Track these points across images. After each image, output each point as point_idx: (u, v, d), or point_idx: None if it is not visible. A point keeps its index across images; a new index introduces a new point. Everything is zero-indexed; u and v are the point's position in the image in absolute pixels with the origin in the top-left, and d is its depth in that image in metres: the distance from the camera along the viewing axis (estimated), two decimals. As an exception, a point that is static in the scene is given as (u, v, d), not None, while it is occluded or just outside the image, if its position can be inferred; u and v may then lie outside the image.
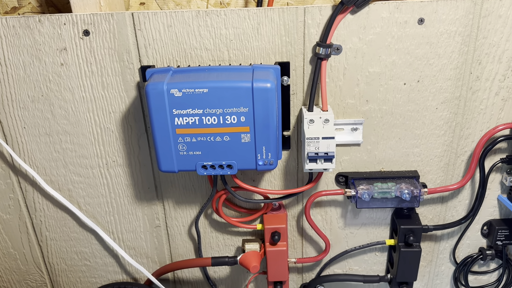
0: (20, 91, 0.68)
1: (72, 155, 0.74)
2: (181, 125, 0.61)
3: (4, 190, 0.77)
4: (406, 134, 0.70)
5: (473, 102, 0.67)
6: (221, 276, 0.84)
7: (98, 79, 0.67)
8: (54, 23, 0.64)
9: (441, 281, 0.83)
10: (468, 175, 0.69)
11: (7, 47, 0.65)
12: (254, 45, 0.64)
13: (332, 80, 0.66)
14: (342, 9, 0.60)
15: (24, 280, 0.86)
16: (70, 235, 0.81)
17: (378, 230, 0.78)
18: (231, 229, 0.79)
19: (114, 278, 0.85)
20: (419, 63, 0.65)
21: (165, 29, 0.64)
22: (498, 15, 0.62)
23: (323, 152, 0.62)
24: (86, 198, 0.77)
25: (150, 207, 0.77)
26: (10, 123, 0.71)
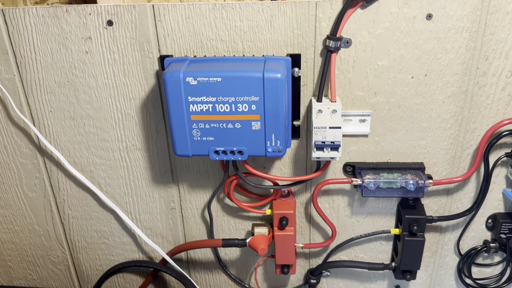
0: (47, 76, 0.73)
1: (94, 138, 0.78)
2: (196, 112, 0.64)
3: (30, 170, 0.82)
4: (413, 127, 0.72)
5: (479, 97, 0.69)
6: (231, 258, 0.87)
7: (120, 67, 0.72)
8: (80, 13, 0.68)
9: (446, 272, 0.85)
10: (472, 168, 0.71)
11: (37, 35, 0.70)
12: (267, 37, 0.67)
13: (342, 73, 0.69)
14: (352, 3, 0.63)
15: (47, 255, 0.92)
16: (91, 214, 0.85)
17: (383, 219, 0.80)
18: (242, 214, 0.82)
19: (131, 256, 0.89)
20: (427, 57, 0.67)
21: (183, 21, 0.67)
22: (506, 12, 0.63)
23: (330, 141, 0.65)
24: (106, 180, 0.82)
25: (166, 190, 0.81)
26: (37, 106, 0.76)
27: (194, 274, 0.90)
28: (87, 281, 0.93)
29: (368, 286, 0.87)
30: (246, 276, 0.89)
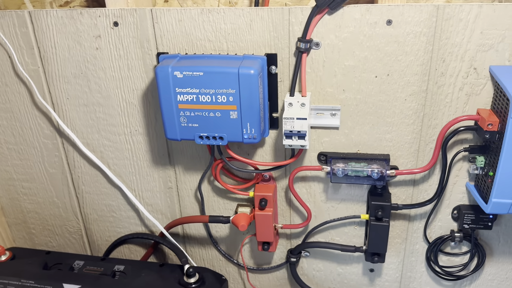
0: (65, 68, 0.86)
1: (104, 123, 0.90)
2: (182, 101, 0.75)
3: (51, 149, 0.95)
4: (378, 121, 0.79)
5: (439, 95, 0.76)
6: (221, 235, 0.98)
7: (124, 62, 0.83)
8: (92, 15, 0.80)
9: (416, 259, 0.91)
10: (431, 161, 0.78)
11: (56, 33, 0.83)
12: (248, 38, 0.77)
13: (313, 71, 0.77)
14: (318, 10, 0.71)
15: (64, 225, 1.05)
16: (101, 189, 0.98)
17: (356, 206, 0.88)
18: (229, 195, 0.92)
19: (135, 229, 1.01)
20: (389, 59, 0.74)
21: (177, 23, 0.78)
22: (459, 19, 0.70)
23: (297, 130, 0.74)
24: (114, 160, 0.94)
25: (164, 171, 0.93)
26: (57, 94, 0.89)
27: (190, 248, 1.01)
28: (98, 250, 1.06)
29: (345, 268, 0.95)
30: (234, 252, 0.99)
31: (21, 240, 1.11)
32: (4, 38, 0.84)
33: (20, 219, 1.07)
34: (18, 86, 0.90)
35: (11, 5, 0.91)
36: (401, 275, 0.93)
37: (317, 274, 0.97)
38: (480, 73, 0.73)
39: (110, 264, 0.90)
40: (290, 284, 1.00)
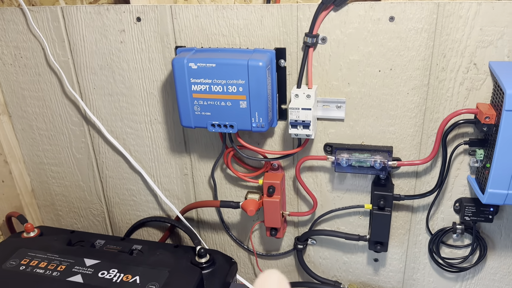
0: (92, 60, 0.93)
1: (126, 112, 0.97)
2: (196, 91, 0.81)
3: (78, 135, 1.03)
4: (382, 114, 0.83)
5: (440, 90, 0.79)
6: (233, 221, 1.03)
7: (146, 54, 0.90)
8: (117, 11, 0.87)
9: (419, 250, 0.94)
10: (432, 153, 0.81)
11: (85, 27, 0.91)
12: (259, 33, 0.82)
13: (320, 65, 0.82)
14: (324, 7, 0.76)
15: (89, 208, 1.13)
16: (123, 174, 1.05)
17: (360, 196, 0.91)
18: (240, 183, 0.97)
19: (153, 213, 1.08)
20: (391, 54, 0.78)
21: (193, 19, 0.84)
22: (459, 16, 0.73)
23: (301, 120, 0.79)
24: (135, 146, 1.01)
25: (181, 158, 0.99)
26: (85, 84, 0.97)
27: (203, 233, 1.07)
28: (119, 232, 1.13)
29: (350, 257, 0.99)
30: (245, 238, 1.04)
31: (49, 221, 1.19)
32: (38, 31, 0.92)
33: (48, 201, 1.15)
34: (49, 76, 0.98)
35: (46, 2, 0.99)
36: (404, 265, 0.96)
37: (323, 262, 1.01)
38: (480, 68, 0.75)
39: (128, 243, 0.97)
40: (298, 270, 1.04)
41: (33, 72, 0.98)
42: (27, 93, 1.01)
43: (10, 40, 0.96)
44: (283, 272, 1.04)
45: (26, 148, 1.09)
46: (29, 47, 0.96)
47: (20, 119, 1.05)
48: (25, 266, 0.88)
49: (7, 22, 0.94)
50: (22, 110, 1.04)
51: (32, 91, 1.01)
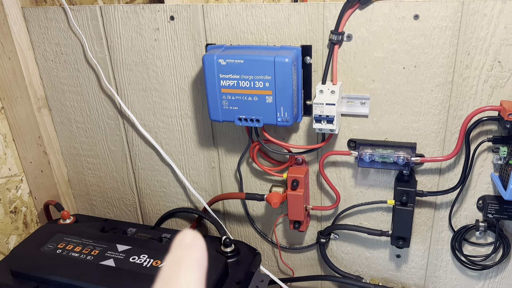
0: (128, 57, 0.99)
1: (159, 106, 1.02)
2: (225, 86, 0.84)
3: (113, 128, 1.09)
4: (406, 111, 0.84)
5: (464, 87, 0.80)
6: (257, 214, 1.06)
7: (178, 52, 0.94)
8: (152, 10, 0.92)
9: (442, 247, 0.95)
10: (455, 150, 0.82)
11: (122, 25, 0.96)
12: (286, 31, 0.85)
13: (345, 62, 0.84)
14: (349, 5, 0.78)
15: (121, 198, 1.18)
16: (154, 166, 1.10)
17: (383, 192, 0.93)
18: (265, 177, 1.01)
19: (181, 204, 1.12)
20: (416, 51, 0.79)
21: (224, 17, 0.88)
22: (483, 14, 0.74)
23: (325, 115, 0.81)
24: (166, 140, 1.05)
25: (208, 151, 1.03)
26: (120, 80, 1.02)
27: (229, 225, 1.10)
28: (149, 222, 1.18)
29: (372, 252, 1.00)
30: (269, 231, 1.07)
31: (84, 211, 1.25)
32: (78, 29, 0.98)
33: (84, 191, 1.22)
34: (88, 72, 1.03)
35: (86, 1, 1.05)
36: (427, 262, 0.97)
37: (346, 256, 1.03)
38: (505, 66, 0.76)
39: (158, 232, 1.01)
40: (320, 264, 1.06)
41: (73, 68, 1.04)
42: (66, 87, 1.07)
43: (52, 37, 1.02)
44: (306, 266, 1.07)
45: (64, 140, 1.15)
46: (69, 44, 1.02)
47: (59, 112, 1.11)
48: (62, 249, 0.94)
49: (50, 21, 1.00)
50: (61, 104, 1.10)
51: (71, 86, 1.07)
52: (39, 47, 1.05)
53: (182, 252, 0.27)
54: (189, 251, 0.27)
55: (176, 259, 0.26)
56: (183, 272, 0.26)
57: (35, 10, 1.01)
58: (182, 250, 0.27)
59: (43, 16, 1.00)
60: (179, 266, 0.26)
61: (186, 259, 0.26)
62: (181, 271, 0.26)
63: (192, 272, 0.26)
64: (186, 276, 0.25)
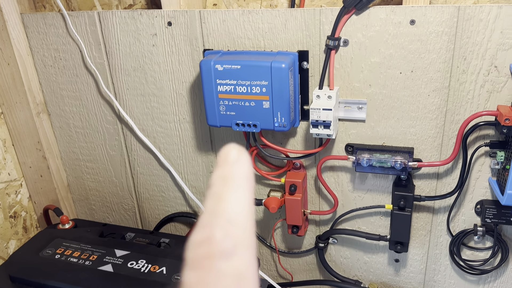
0: (126, 62, 0.99)
1: (157, 111, 1.02)
2: (222, 91, 0.85)
3: (112, 133, 1.09)
4: (403, 116, 0.84)
5: (461, 92, 0.80)
6: (256, 218, 1.06)
7: (176, 57, 0.95)
8: (149, 16, 0.93)
9: (440, 251, 0.94)
10: (452, 155, 0.81)
11: (120, 31, 0.96)
12: (282, 36, 0.85)
13: (342, 67, 0.84)
14: (345, 11, 0.78)
15: (121, 203, 1.18)
16: (153, 171, 1.10)
17: (381, 196, 0.93)
18: (263, 181, 1.01)
19: (180, 209, 1.12)
20: (412, 56, 0.79)
21: (221, 23, 0.88)
22: (480, 19, 0.74)
23: (322, 120, 0.81)
24: (165, 144, 1.06)
25: (207, 156, 1.03)
26: (119, 85, 1.02)
27: (228, 229, 1.10)
28: (148, 226, 1.18)
29: (371, 257, 1.00)
30: (267, 236, 1.07)
31: (83, 215, 1.25)
32: (77, 34, 0.99)
33: (83, 196, 1.22)
34: (86, 77, 1.04)
35: (84, 7, 1.06)
36: (425, 267, 0.97)
37: (344, 261, 1.03)
38: (501, 71, 0.76)
39: (157, 237, 1.02)
40: (319, 269, 1.06)
41: (71, 73, 1.05)
42: (65, 93, 1.08)
43: (50, 43, 1.03)
44: (304, 270, 1.06)
45: (63, 145, 1.16)
46: (68, 49, 1.02)
47: (58, 118, 1.12)
48: (60, 255, 0.94)
49: (48, 26, 1.01)
50: (60, 109, 1.10)
51: (70, 91, 1.07)
52: (38, 53, 1.05)
53: (228, 169, 0.25)
54: (235, 167, 0.25)
55: (223, 176, 0.25)
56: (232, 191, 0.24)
57: (34, 16, 1.01)
58: (228, 166, 0.25)
59: (41, 22, 1.01)
60: (227, 184, 0.24)
61: (234, 175, 0.25)
62: (229, 190, 0.24)
63: (241, 190, 0.24)
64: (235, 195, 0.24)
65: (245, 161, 0.26)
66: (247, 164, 0.26)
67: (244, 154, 0.26)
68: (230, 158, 0.25)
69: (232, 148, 0.26)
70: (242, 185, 0.24)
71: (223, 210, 0.23)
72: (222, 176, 0.25)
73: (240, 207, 0.24)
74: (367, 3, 0.77)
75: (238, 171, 0.25)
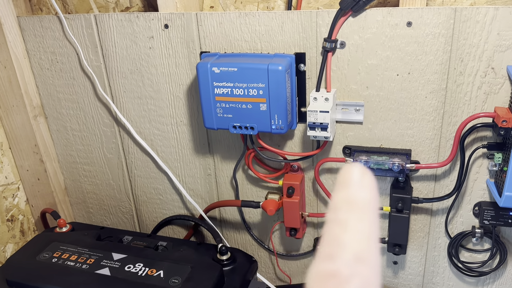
0: (123, 65, 0.99)
1: (154, 114, 1.02)
2: (219, 94, 0.84)
3: (109, 136, 1.09)
4: (400, 117, 0.84)
5: (458, 93, 0.79)
6: (254, 221, 1.06)
7: (172, 60, 0.94)
8: (146, 18, 0.92)
9: (439, 253, 0.94)
10: (450, 157, 0.81)
11: (117, 34, 0.96)
12: (279, 39, 0.85)
13: (339, 69, 0.84)
14: (342, 13, 0.78)
15: (118, 206, 1.18)
16: (150, 174, 1.10)
17: (379, 198, 0.93)
18: (261, 184, 1.00)
19: (178, 211, 1.12)
20: (409, 58, 0.79)
21: (218, 25, 0.88)
22: (476, 21, 0.74)
23: (319, 122, 0.81)
24: (162, 147, 1.05)
25: (204, 159, 1.03)
26: (116, 87, 1.02)
27: (225, 232, 1.10)
28: (146, 229, 1.18)
29: (369, 259, 1.00)
30: (265, 238, 1.07)
31: (80, 218, 1.25)
32: (73, 37, 0.99)
33: (80, 199, 1.22)
34: (83, 80, 1.04)
35: (81, 10, 1.06)
36: (424, 269, 0.97)
37: (343, 263, 1.02)
38: (498, 72, 0.76)
39: (154, 240, 1.01)
40: (317, 271, 1.06)
41: (68, 76, 1.04)
42: (62, 96, 1.07)
43: (47, 46, 1.02)
44: (303, 273, 1.06)
45: (60, 148, 1.15)
46: (65, 52, 1.02)
47: (55, 120, 1.11)
48: (57, 258, 0.93)
49: (45, 29, 1.01)
50: (57, 112, 1.10)
51: (67, 94, 1.07)
52: (34, 56, 1.05)
53: (353, 192, 0.23)
54: (361, 191, 0.23)
55: (348, 200, 0.22)
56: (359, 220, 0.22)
57: (31, 19, 1.01)
58: (352, 188, 0.23)
59: (38, 25, 1.01)
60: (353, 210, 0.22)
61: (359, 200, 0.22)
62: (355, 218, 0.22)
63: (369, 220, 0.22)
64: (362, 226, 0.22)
65: (370, 184, 0.23)
66: (373, 187, 0.23)
67: (368, 176, 0.23)
68: (354, 180, 0.23)
69: (355, 167, 0.24)
70: (369, 213, 0.22)
71: (349, 243, 0.21)
72: (346, 200, 0.22)
73: (368, 242, 0.22)
74: (363, 5, 0.77)
75: (364, 196, 0.23)
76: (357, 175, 0.23)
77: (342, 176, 0.23)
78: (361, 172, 0.23)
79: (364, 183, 0.23)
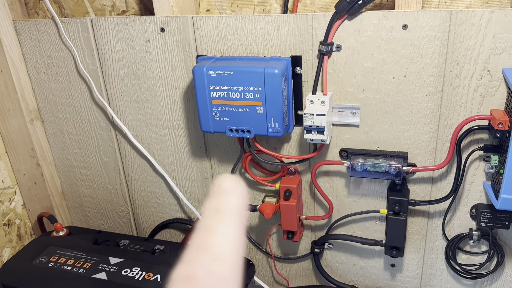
0: (119, 68, 0.99)
1: (151, 117, 1.02)
2: (215, 97, 0.84)
3: (106, 140, 1.09)
4: (397, 120, 0.84)
5: (454, 96, 0.79)
6: (251, 224, 1.06)
7: (169, 63, 0.94)
8: (142, 22, 0.92)
9: (436, 256, 0.94)
10: (446, 159, 0.81)
11: (113, 37, 0.96)
12: (275, 42, 0.85)
13: (335, 72, 0.84)
14: (338, 16, 0.78)
15: (115, 209, 1.18)
16: (147, 177, 1.10)
17: (376, 201, 0.92)
18: (259, 187, 1.00)
19: (175, 215, 1.12)
20: (405, 61, 0.79)
21: (214, 29, 0.88)
22: (472, 23, 0.74)
23: (316, 125, 0.81)
24: (159, 151, 1.05)
25: (201, 162, 1.03)
26: (112, 91, 1.02)
27: (223, 235, 1.10)
28: (143, 233, 1.18)
29: (367, 262, 1.00)
30: (263, 241, 1.07)
31: (77, 222, 1.25)
32: (69, 41, 0.98)
33: (77, 203, 1.21)
34: (79, 84, 1.03)
35: (77, 14, 1.05)
36: (421, 271, 0.97)
37: (340, 266, 1.02)
38: (494, 75, 0.76)
39: (152, 243, 1.01)
40: (315, 274, 1.06)
41: (65, 80, 1.04)
42: (58, 99, 1.07)
43: (43, 50, 1.02)
44: (300, 276, 1.06)
45: (57, 152, 1.15)
46: (61, 56, 1.02)
47: (51, 124, 1.11)
48: (54, 263, 0.93)
49: (41, 33, 1.00)
50: (54, 116, 1.10)
51: (63, 97, 1.07)
52: (31, 60, 1.05)
53: (221, 199, 0.25)
54: (228, 198, 0.25)
55: (215, 206, 0.24)
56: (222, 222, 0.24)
57: (27, 23, 1.01)
58: (221, 196, 0.25)
59: (34, 29, 1.01)
60: (218, 217, 0.24)
61: (225, 207, 0.24)
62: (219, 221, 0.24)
63: (232, 224, 0.24)
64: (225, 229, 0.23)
65: (239, 192, 0.25)
66: (242, 195, 0.25)
67: (239, 185, 0.25)
68: (224, 189, 0.25)
69: (227, 178, 0.25)
70: (233, 218, 0.24)
71: (210, 246, 0.23)
72: (213, 208, 0.24)
73: (228, 243, 0.23)
74: (359, 8, 0.77)
75: (230, 203, 0.24)
76: (227, 185, 0.25)
77: (213, 186, 0.25)
78: (232, 182, 0.25)
79: (234, 191, 0.25)
